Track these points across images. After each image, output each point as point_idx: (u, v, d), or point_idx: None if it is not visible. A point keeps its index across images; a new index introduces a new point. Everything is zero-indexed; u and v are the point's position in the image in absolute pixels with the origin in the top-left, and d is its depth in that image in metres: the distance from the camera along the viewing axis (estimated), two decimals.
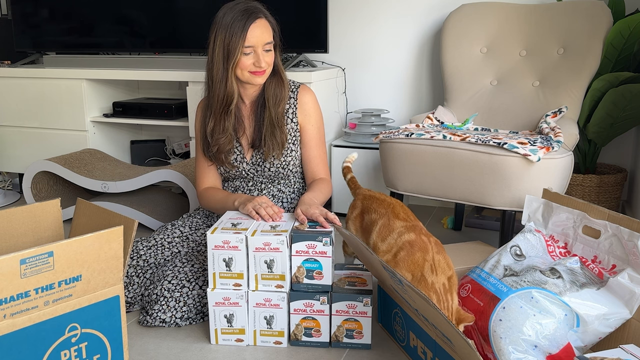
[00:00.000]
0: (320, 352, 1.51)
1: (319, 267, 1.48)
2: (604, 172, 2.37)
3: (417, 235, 1.42)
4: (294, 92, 1.81)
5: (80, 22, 2.90)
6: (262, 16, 1.67)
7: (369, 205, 1.62)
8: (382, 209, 1.56)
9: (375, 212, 1.57)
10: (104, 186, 2.40)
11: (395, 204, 1.57)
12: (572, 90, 2.10)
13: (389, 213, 1.53)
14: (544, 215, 1.58)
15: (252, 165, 1.81)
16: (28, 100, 2.82)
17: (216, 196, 1.80)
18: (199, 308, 1.64)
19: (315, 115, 1.82)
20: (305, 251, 1.47)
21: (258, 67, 1.67)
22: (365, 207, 1.63)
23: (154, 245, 1.81)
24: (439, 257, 1.36)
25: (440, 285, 1.30)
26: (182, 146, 3.04)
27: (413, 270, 1.34)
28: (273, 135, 1.75)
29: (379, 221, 1.52)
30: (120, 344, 1.29)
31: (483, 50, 2.32)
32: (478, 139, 1.80)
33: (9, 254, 1.05)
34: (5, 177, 3.15)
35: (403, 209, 1.55)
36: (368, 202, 1.63)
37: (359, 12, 2.74)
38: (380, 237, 1.49)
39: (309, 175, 1.84)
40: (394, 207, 1.55)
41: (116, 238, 1.22)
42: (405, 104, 2.76)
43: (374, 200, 1.62)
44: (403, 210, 1.54)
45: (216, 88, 1.71)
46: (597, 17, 2.11)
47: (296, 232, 1.48)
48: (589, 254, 1.44)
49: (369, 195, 1.66)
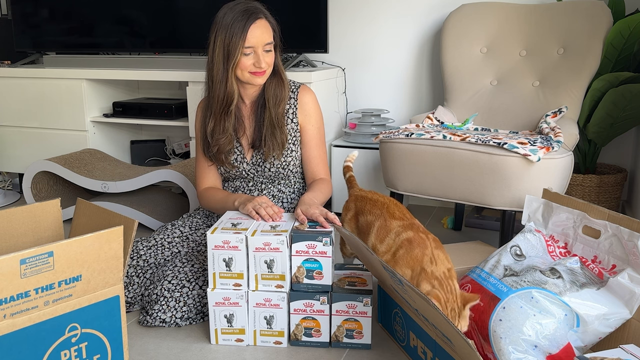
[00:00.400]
0: (320, 352, 1.51)
1: (319, 267, 1.48)
2: (604, 172, 2.37)
3: (415, 233, 1.41)
4: (294, 92, 1.81)
5: (80, 22, 2.90)
6: (262, 16, 1.67)
7: (362, 206, 1.60)
8: (377, 209, 1.54)
9: (370, 213, 1.55)
10: (104, 186, 2.40)
11: (389, 203, 1.55)
12: (572, 90, 2.10)
13: (384, 213, 1.51)
14: (544, 215, 1.58)
15: (252, 166, 1.81)
16: (28, 100, 2.82)
17: (216, 196, 1.80)
18: (199, 308, 1.64)
19: (315, 115, 1.82)
20: (305, 251, 1.47)
21: (258, 68, 1.67)
22: (359, 208, 1.61)
23: (154, 245, 1.81)
24: (437, 252, 1.36)
25: (441, 273, 1.31)
26: (182, 146, 3.04)
27: (413, 266, 1.34)
28: (273, 135, 1.75)
29: (376, 223, 1.51)
30: (120, 344, 1.29)
31: (483, 50, 2.32)
32: (478, 139, 1.80)
33: (9, 254, 1.05)
34: (5, 177, 3.15)
35: (398, 208, 1.53)
36: (361, 204, 1.61)
37: (359, 12, 2.74)
38: (378, 239, 1.48)
39: (309, 175, 1.84)
40: (388, 207, 1.53)
41: (116, 238, 1.22)
42: (405, 104, 2.76)
43: (367, 201, 1.60)
44: (398, 209, 1.53)
45: (216, 88, 1.71)
46: (597, 17, 2.11)
47: (296, 232, 1.48)
48: (589, 254, 1.44)
49: (361, 196, 1.64)
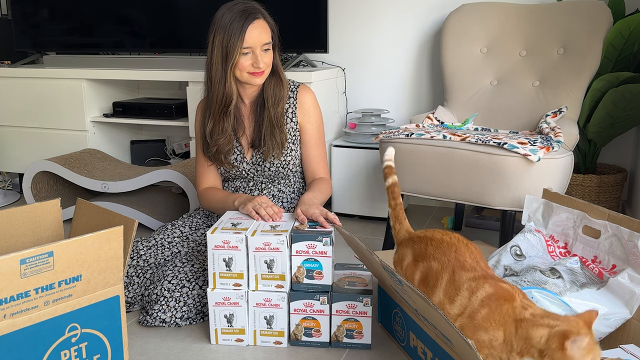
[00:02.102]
0: (320, 352, 1.51)
1: (319, 267, 1.48)
2: (604, 172, 2.37)
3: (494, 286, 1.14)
4: (294, 92, 1.81)
5: (80, 22, 2.90)
6: (260, 17, 1.67)
7: (423, 250, 1.30)
8: (443, 255, 1.25)
9: (435, 259, 1.26)
10: (104, 186, 2.40)
11: (457, 244, 1.27)
12: (572, 90, 2.10)
13: (452, 262, 1.23)
14: (544, 215, 1.58)
15: (252, 165, 1.81)
16: (28, 100, 2.82)
17: (216, 196, 1.80)
18: (199, 308, 1.64)
19: (314, 114, 1.82)
20: (305, 251, 1.47)
21: (256, 68, 1.67)
22: (419, 253, 1.31)
23: (154, 245, 1.81)
24: (526, 301, 1.12)
25: (542, 311, 1.08)
26: (182, 146, 3.04)
27: (505, 323, 1.08)
28: (272, 135, 1.75)
29: (443, 275, 1.22)
30: (120, 344, 1.29)
31: (483, 50, 2.32)
32: (478, 139, 1.80)
33: (9, 254, 1.05)
34: (5, 177, 3.15)
35: (468, 250, 1.25)
36: (422, 247, 1.31)
37: (359, 12, 2.74)
38: (447, 298, 1.20)
39: (309, 174, 1.84)
40: (457, 251, 1.25)
41: (116, 238, 1.22)
42: (405, 104, 2.76)
43: (429, 243, 1.30)
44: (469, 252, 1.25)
45: (215, 89, 1.71)
46: (597, 17, 2.11)
47: (296, 232, 1.48)
48: (589, 254, 1.44)
49: (421, 237, 1.33)
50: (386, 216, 2.31)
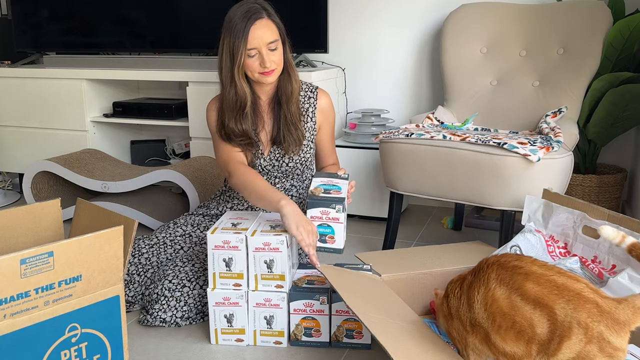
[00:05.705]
0: (320, 352, 1.51)
1: (332, 232, 1.56)
2: (604, 172, 2.37)
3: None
4: (314, 92, 1.85)
5: (80, 22, 2.90)
6: (263, 16, 1.66)
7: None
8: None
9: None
10: (104, 186, 2.40)
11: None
12: (572, 90, 2.10)
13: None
14: (544, 215, 1.58)
15: (269, 162, 1.82)
16: (28, 100, 2.82)
17: (255, 180, 1.65)
18: (200, 308, 1.64)
19: (332, 115, 1.91)
20: (319, 217, 1.56)
21: (265, 68, 1.67)
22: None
23: (156, 243, 1.81)
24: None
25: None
26: (182, 146, 3.04)
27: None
28: (289, 132, 1.78)
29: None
30: (120, 344, 1.29)
31: (483, 50, 2.32)
32: (478, 139, 1.81)
33: (9, 254, 1.05)
34: (5, 177, 3.15)
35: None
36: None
37: (359, 12, 2.74)
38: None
39: (321, 163, 1.95)
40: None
41: (116, 238, 1.22)
42: (405, 104, 2.76)
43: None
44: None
45: (228, 91, 1.71)
46: (597, 17, 2.11)
47: (312, 199, 1.56)
48: (589, 254, 1.44)
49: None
50: (386, 216, 2.30)
